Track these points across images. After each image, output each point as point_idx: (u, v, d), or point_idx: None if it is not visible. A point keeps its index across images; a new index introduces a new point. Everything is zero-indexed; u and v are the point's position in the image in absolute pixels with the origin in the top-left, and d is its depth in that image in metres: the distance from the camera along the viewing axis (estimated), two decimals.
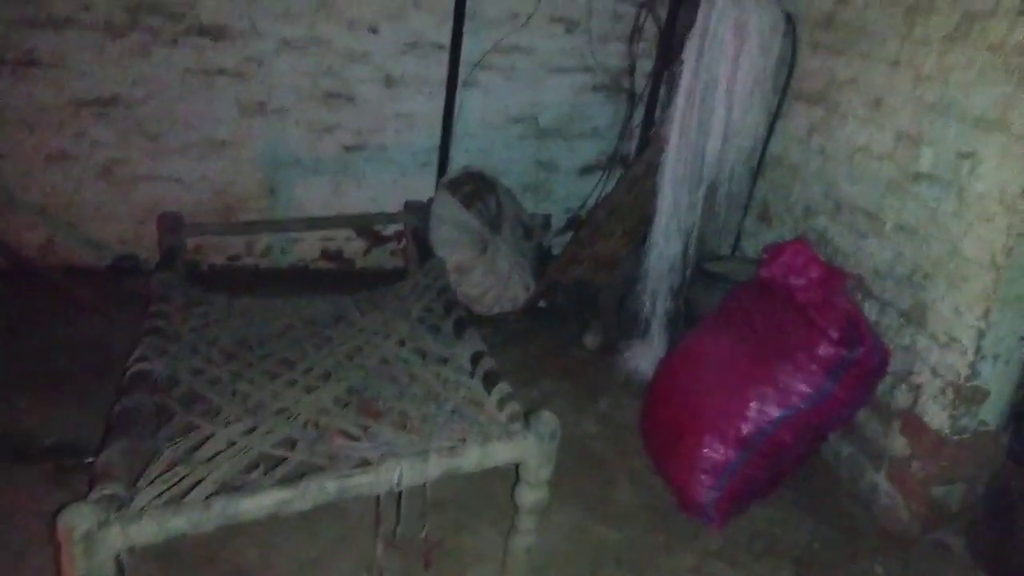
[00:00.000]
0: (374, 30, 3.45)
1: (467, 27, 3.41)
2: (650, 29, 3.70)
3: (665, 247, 2.88)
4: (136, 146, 3.40)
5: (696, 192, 2.79)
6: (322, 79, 3.49)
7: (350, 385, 2.13)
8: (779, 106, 2.77)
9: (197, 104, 3.39)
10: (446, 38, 3.46)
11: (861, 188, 2.35)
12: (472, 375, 2.17)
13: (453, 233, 3.35)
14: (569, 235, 4.10)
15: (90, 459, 1.88)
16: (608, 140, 3.94)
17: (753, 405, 2.20)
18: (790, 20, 2.66)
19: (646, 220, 3.17)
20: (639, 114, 3.85)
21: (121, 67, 3.23)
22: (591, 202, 4.05)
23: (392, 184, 3.77)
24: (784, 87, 2.74)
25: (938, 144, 2.02)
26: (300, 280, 3.77)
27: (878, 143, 2.26)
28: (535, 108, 3.79)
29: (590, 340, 3.27)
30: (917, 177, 2.10)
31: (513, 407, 1.92)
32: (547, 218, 4.05)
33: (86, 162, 3.37)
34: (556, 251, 4.07)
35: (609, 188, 3.95)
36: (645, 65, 3.78)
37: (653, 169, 2.98)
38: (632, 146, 3.91)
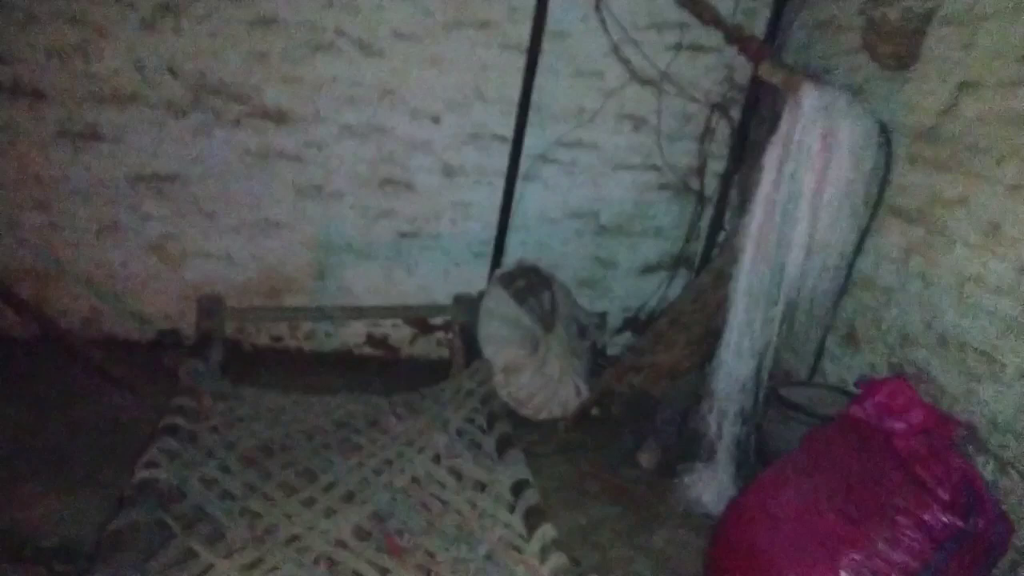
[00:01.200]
0: (436, 120, 3.38)
1: (531, 120, 3.30)
2: (721, 130, 3.53)
3: (735, 366, 2.59)
4: (189, 222, 3.35)
5: (773, 309, 2.53)
6: (381, 165, 3.40)
7: (375, 510, 1.89)
8: (870, 221, 2.51)
9: (254, 184, 3.34)
10: (508, 130, 3.36)
11: (973, 323, 2.05)
12: (513, 509, 1.91)
13: (503, 330, 3.14)
14: (625, 335, 3.86)
15: None
16: (671, 240, 3.73)
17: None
18: (884, 130, 2.43)
19: (712, 332, 2.92)
20: (706, 216, 3.65)
21: (181, 145, 3.22)
22: (651, 303, 3.81)
23: (444, 273, 3.61)
24: (877, 201, 2.49)
25: None
26: (344, 366, 3.61)
27: (995, 275, 1.98)
28: (596, 203, 3.63)
29: (646, 459, 2.96)
30: None
31: (558, 560, 1.64)
32: (603, 316, 3.81)
33: (138, 236, 3.33)
34: (611, 351, 3.83)
35: (673, 291, 3.73)
36: (714, 166, 3.59)
37: (723, 279, 2.73)
38: (698, 248, 3.68)
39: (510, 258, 3.50)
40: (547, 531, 1.75)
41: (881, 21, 2.28)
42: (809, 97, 2.32)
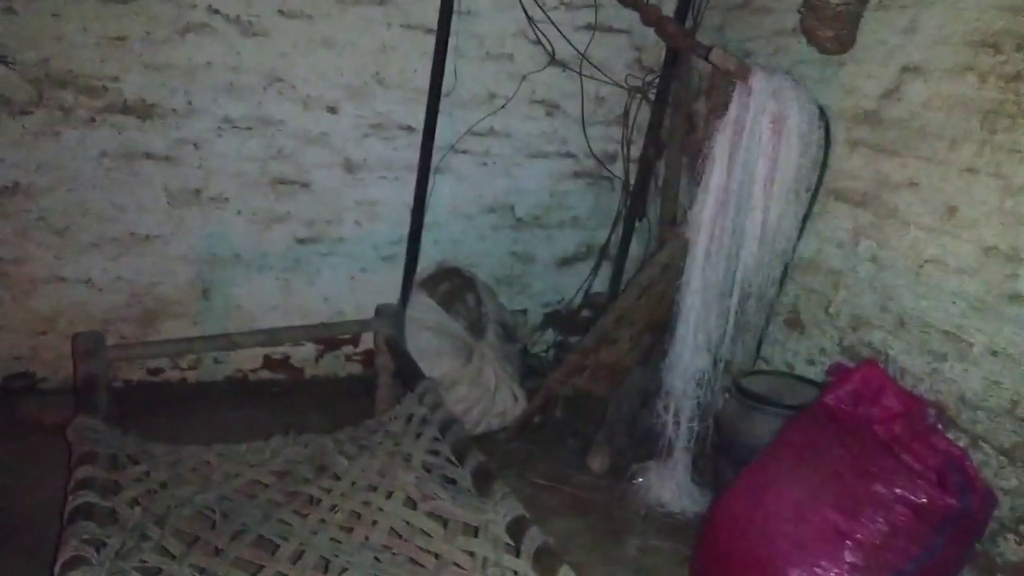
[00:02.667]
0: (333, 109, 3.01)
1: (440, 108, 3.03)
2: (635, 115, 3.45)
3: (691, 361, 2.53)
4: (36, 242, 2.76)
5: (727, 300, 2.48)
6: (271, 163, 2.99)
7: None
8: (810, 206, 2.52)
9: (116, 193, 2.81)
10: (414, 119, 3.06)
11: (935, 304, 2.09)
12: (518, 553, 1.70)
13: (434, 341, 2.88)
14: (547, 333, 3.73)
15: None
16: (588, 230, 3.62)
17: (848, 567, 1.84)
18: (823, 114, 2.44)
19: (657, 327, 2.84)
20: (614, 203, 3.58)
21: (21, 149, 2.62)
22: (569, 297, 3.69)
23: (350, 281, 3.27)
24: (816, 186, 2.50)
25: None
26: (240, 395, 3.17)
27: (955, 256, 2.02)
28: (511, 196, 3.43)
29: (597, 462, 2.84)
30: (1016, 298, 1.86)
31: None
32: (523, 314, 3.64)
33: None
34: (534, 350, 3.67)
35: (595, 284, 3.63)
36: (629, 152, 3.52)
37: (671, 272, 2.65)
38: (616, 236, 3.60)
39: (424, 260, 3.22)
40: (567, 575, 1.56)
41: (822, 5, 2.25)
42: (760, 83, 2.27)
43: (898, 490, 1.87)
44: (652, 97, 3.31)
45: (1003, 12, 1.86)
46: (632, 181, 3.44)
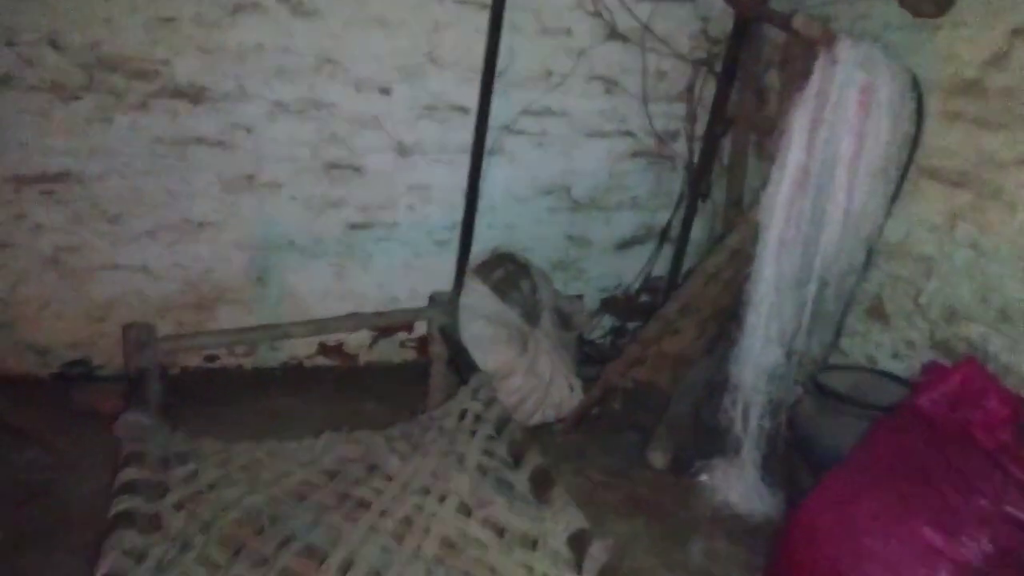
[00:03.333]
0: (386, 91, 2.90)
1: (494, 87, 2.89)
2: (699, 90, 3.24)
3: (763, 354, 2.35)
4: (91, 230, 2.75)
5: (804, 290, 2.29)
6: (323, 148, 2.91)
7: None
8: (899, 186, 2.30)
9: (169, 179, 2.77)
10: (468, 99, 2.93)
11: None
12: (579, 569, 1.58)
13: (488, 329, 2.77)
14: (604, 318, 3.58)
15: None
16: (647, 211, 3.45)
17: None
18: (916, 85, 2.21)
19: (724, 315, 2.67)
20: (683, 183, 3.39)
21: (74, 136, 2.60)
22: (628, 282, 3.54)
23: (404, 267, 3.18)
24: (907, 163, 2.28)
25: None
26: (295, 382, 3.14)
27: None
28: (568, 177, 3.28)
29: (658, 458, 2.70)
30: None
31: None
32: (580, 300, 3.50)
33: (28, 251, 2.70)
34: (591, 336, 3.54)
35: (655, 268, 3.47)
36: (691, 129, 3.31)
37: (740, 258, 2.47)
38: (677, 218, 3.41)
39: (478, 245, 3.10)
40: None
41: None
42: (846, 51, 2.05)
43: (1007, 507, 1.68)
44: (718, 71, 3.09)
45: None
46: (695, 160, 3.24)
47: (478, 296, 2.83)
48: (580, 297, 3.50)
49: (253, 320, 2.99)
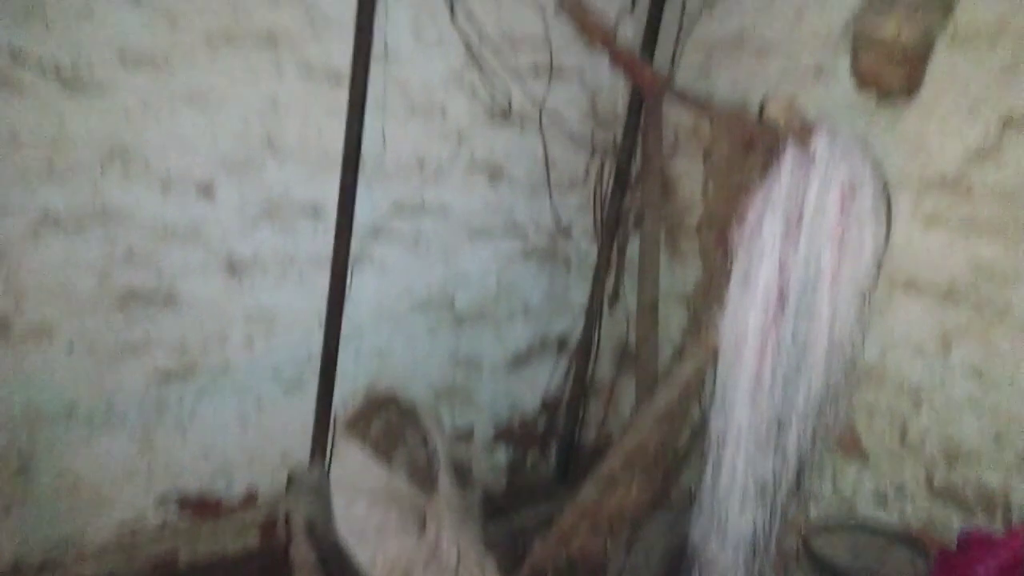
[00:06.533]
0: (207, 190, 2.15)
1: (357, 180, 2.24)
2: (595, 178, 2.80)
3: (740, 518, 1.85)
4: None
5: (787, 434, 1.83)
6: (117, 272, 2.07)
7: None
8: (870, 298, 1.93)
9: None
10: (323, 197, 2.27)
11: None
12: None
13: (374, 513, 2.03)
14: (499, 452, 2.96)
15: None
16: (544, 320, 2.91)
17: None
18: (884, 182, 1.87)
19: (674, 458, 2.16)
20: (576, 285, 2.90)
21: None
22: (525, 405, 2.96)
23: (239, 424, 2.37)
24: (876, 271, 1.92)
25: None
26: None
27: None
28: (451, 285, 2.67)
29: None
30: None
31: None
32: (469, 436, 2.87)
33: None
34: (481, 472, 2.88)
35: (556, 385, 2.92)
36: (584, 222, 2.86)
37: (696, 394, 1.98)
38: (573, 327, 2.92)
39: (343, 384, 2.38)
40: None
41: (891, 41, 1.69)
42: (825, 146, 1.66)
43: None
44: (616, 156, 2.68)
45: None
46: (599, 259, 2.77)
47: (354, 464, 2.09)
48: (470, 431, 2.86)
49: (16, 523, 2.04)
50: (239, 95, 2.12)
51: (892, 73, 1.73)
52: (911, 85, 1.77)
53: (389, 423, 2.27)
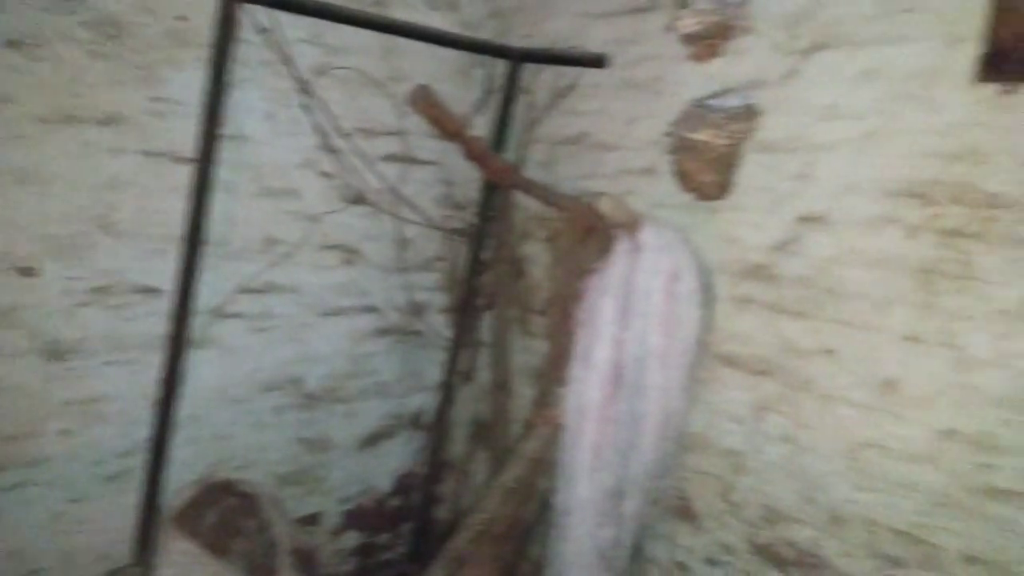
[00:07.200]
0: (27, 271, 1.99)
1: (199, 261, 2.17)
2: (447, 259, 2.88)
3: None
4: None
5: (625, 503, 1.92)
6: None
7: None
8: (694, 371, 2.10)
9: None
10: (159, 277, 2.17)
11: (879, 497, 1.74)
12: None
13: None
14: (349, 535, 2.86)
15: None
16: (397, 398, 2.89)
17: None
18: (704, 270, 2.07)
19: (521, 533, 2.19)
20: (430, 359, 2.93)
21: None
22: (377, 485, 2.89)
23: (52, 521, 2.14)
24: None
25: None
26: None
27: (900, 440, 1.70)
28: (300, 366, 2.60)
29: None
30: (993, 493, 1.55)
31: None
32: (316, 518, 2.75)
33: None
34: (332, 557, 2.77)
35: (409, 464, 2.89)
36: (438, 301, 2.92)
37: (541, 467, 2.05)
38: (427, 403, 2.92)
39: (177, 471, 2.23)
40: None
41: (703, 146, 1.92)
42: (651, 236, 1.83)
43: None
44: (469, 239, 2.78)
45: (930, 159, 1.64)
46: (453, 337, 2.82)
47: (183, 560, 1.95)
48: (314, 516, 2.75)
49: None
50: (74, 174, 2.01)
51: (707, 175, 1.96)
52: (723, 186, 2.01)
53: (225, 513, 2.14)
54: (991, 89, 1.54)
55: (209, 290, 2.24)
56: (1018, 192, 1.52)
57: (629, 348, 1.85)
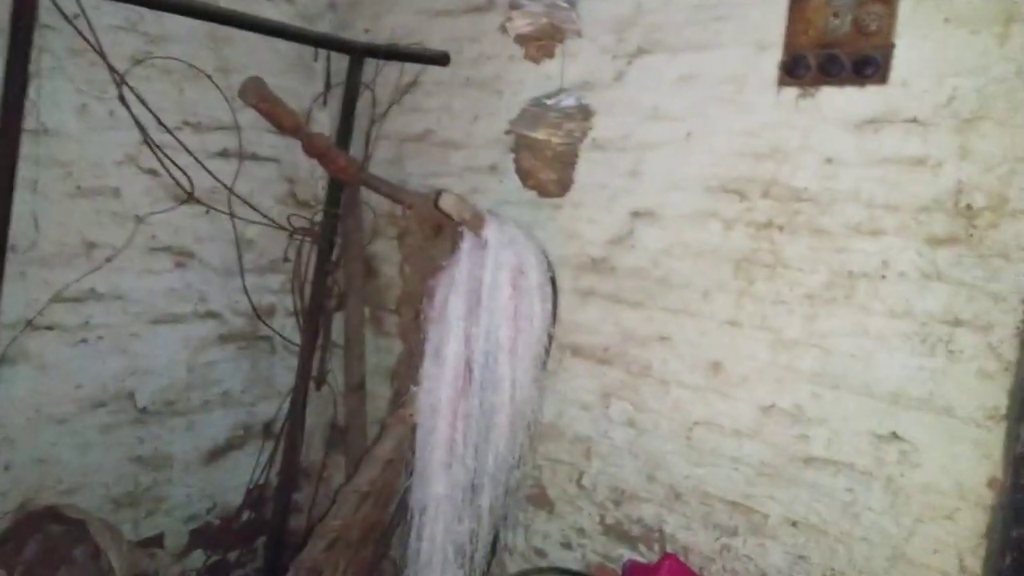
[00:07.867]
0: None
1: (7, 270, 1.96)
2: (301, 261, 2.77)
3: None
4: None
5: (481, 497, 1.94)
6: None
7: None
8: (544, 363, 2.16)
9: None
10: None
11: (713, 472, 1.87)
12: None
13: None
14: (195, 554, 2.69)
15: None
16: (245, 407, 2.76)
17: None
18: (549, 264, 2.13)
19: (378, 535, 2.16)
20: (277, 365, 2.82)
21: None
22: (226, 499, 2.75)
23: None
24: (548, 340, 2.16)
25: (834, 423, 1.67)
26: None
27: (728, 417, 1.83)
28: (130, 379, 2.41)
29: None
30: (808, 462, 1.71)
31: None
32: (158, 540, 2.57)
33: None
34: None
35: (261, 474, 2.76)
36: (286, 302, 2.81)
37: (395, 467, 2.03)
38: (279, 411, 2.81)
39: None
40: None
41: (542, 145, 1.97)
42: (495, 232, 1.86)
43: None
44: (317, 239, 2.69)
45: (743, 157, 1.77)
46: (303, 341, 2.72)
47: None
48: (159, 538, 2.57)
49: None
50: None
51: (547, 173, 2.01)
52: (563, 183, 2.07)
53: (48, 542, 1.95)
54: (792, 93, 1.70)
55: (15, 301, 2.03)
56: (817, 187, 1.68)
57: (479, 343, 1.87)
